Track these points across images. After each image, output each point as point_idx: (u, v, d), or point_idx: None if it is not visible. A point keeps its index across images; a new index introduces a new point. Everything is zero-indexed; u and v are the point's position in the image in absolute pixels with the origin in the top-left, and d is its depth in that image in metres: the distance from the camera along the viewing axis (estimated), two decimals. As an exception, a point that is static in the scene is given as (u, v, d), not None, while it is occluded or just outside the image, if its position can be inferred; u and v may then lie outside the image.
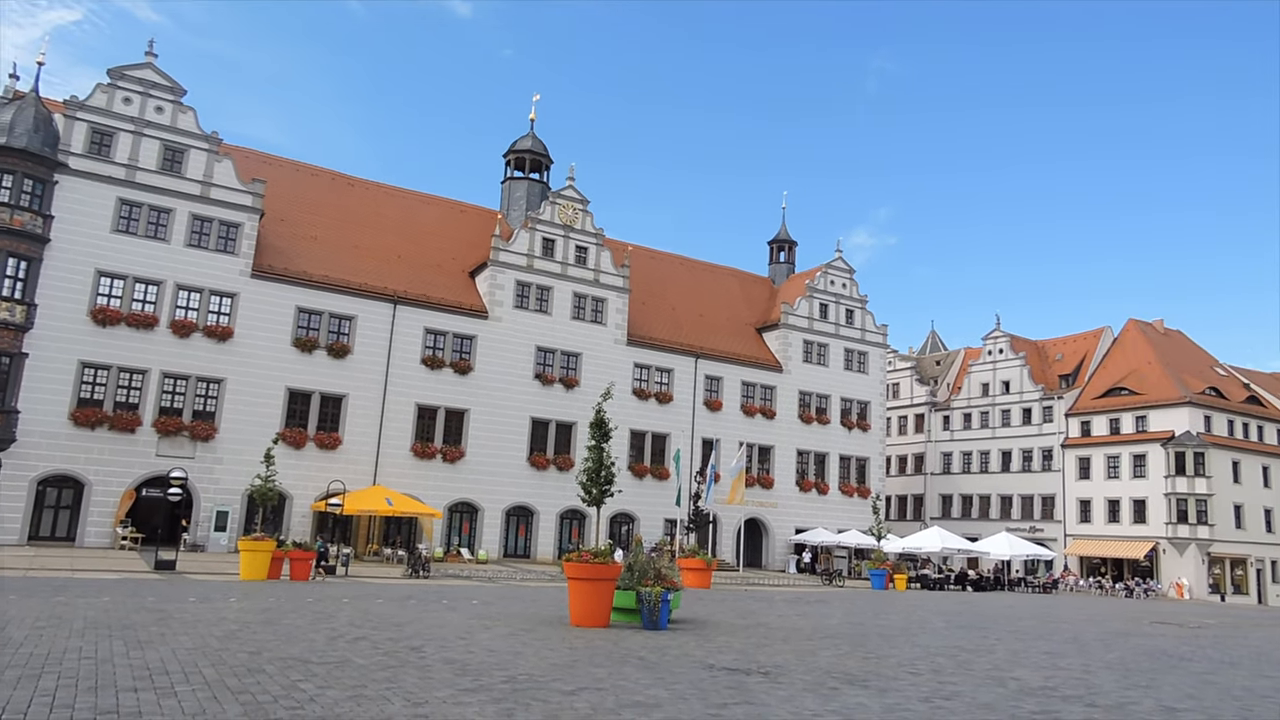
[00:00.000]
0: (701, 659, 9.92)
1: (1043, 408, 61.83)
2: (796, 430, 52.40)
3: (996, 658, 11.75)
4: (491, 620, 13.45)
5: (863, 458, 54.83)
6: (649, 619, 13.08)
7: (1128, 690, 9.15)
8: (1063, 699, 8.29)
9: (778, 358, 52.88)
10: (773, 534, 50.53)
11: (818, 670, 9.44)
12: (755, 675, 8.83)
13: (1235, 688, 9.80)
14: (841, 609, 20.61)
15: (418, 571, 27.54)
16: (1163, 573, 52.91)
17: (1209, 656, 13.45)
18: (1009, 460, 62.97)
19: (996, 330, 66.49)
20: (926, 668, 10.20)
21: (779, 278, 60.22)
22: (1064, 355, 65.76)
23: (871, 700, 7.66)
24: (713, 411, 49.41)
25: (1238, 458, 55.65)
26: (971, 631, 16.00)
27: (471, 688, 7.29)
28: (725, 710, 6.85)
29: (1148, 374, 58.23)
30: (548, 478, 43.35)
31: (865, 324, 56.85)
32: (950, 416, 67.27)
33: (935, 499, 66.33)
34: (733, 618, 16.17)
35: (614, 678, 8.22)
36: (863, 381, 55.80)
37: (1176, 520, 52.96)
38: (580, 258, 46.54)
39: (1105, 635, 16.77)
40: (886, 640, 13.37)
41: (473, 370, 42.08)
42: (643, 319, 48.95)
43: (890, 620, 17.81)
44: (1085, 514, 57.90)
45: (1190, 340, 66.51)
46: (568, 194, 47.05)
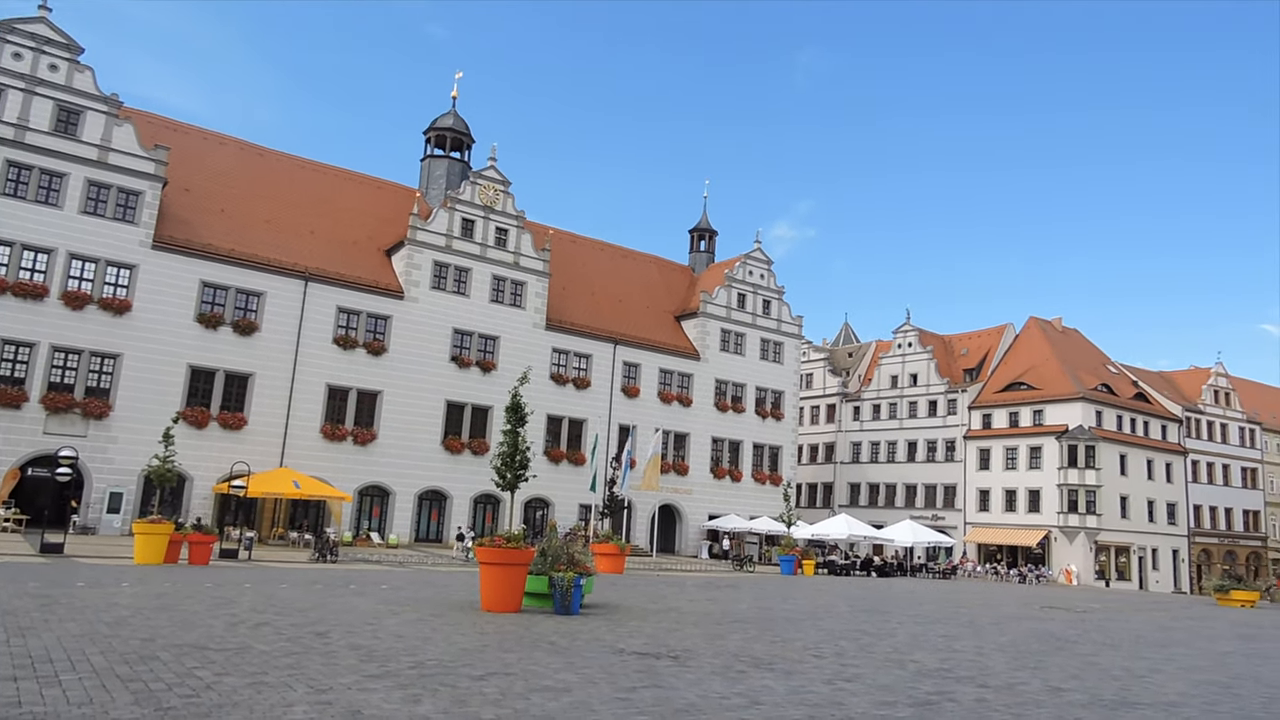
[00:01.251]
0: (612, 643, 9.97)
1: (947, 400, 64.05)
2: (712, 418, 53.03)
3: (897, 641, 12.15)
4: (400, 605, 13.24)
5: (776, 446, 55.87)
6: (561, 604, 13.08)
7: (1018, 671, 9.58)
8: (957, 680, 8.63)
9: (696, 346, 53.36)
10: (686, 520, 51.11)
11: (726, 654, 9.60)
12: (665, 659, 8.92)
13: (1115, 668, 10.37)
14: (751, 594, 21.00)
15: (325, 556, 26.90)
16: (1053, 559, 55.56)
17: (1093, 639, 14.19)
18: (914, 450, 65.07)
19: (907, 325, 68.50)
20: (830, 651, 10.48)
21: (699, 266, 60.70)
22: (969, 350, 68.21)
23: (777, 683, 7.82)
24: (630, 398, 49.59)
25: (1125, 451, 58.76)
26: (874, 616, 16.51)
27: (378, 674, 7.16)
28: (634, 694, 6.90)
29: (1045, 370, 60.87)
30: (462, 462, 42.84)
31: (782, 315, 57.83)
32: (860, 407, 69.08)
33: (844, 487, 68.10)
34: (644, 602, 16.30)
35: (524, 663, 8.20)
36: (778, 371, 56.79)
37: (1067, 510, 55.64)
38: (500, 240, 45.98)
39: (999, 619, 17.53)
40: (793, 624, 13.69)
41: (387, 351, 41.20)
42: (562, 304, 48.72)
43: (797, 605, 18.23)
44: (984, 503, 60.31)
45: (1085, 339, 69.79)
46: (489, 174, 46.38)
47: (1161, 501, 60.42)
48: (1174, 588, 58.76)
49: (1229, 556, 63.73)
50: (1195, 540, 62.23)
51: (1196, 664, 11.39)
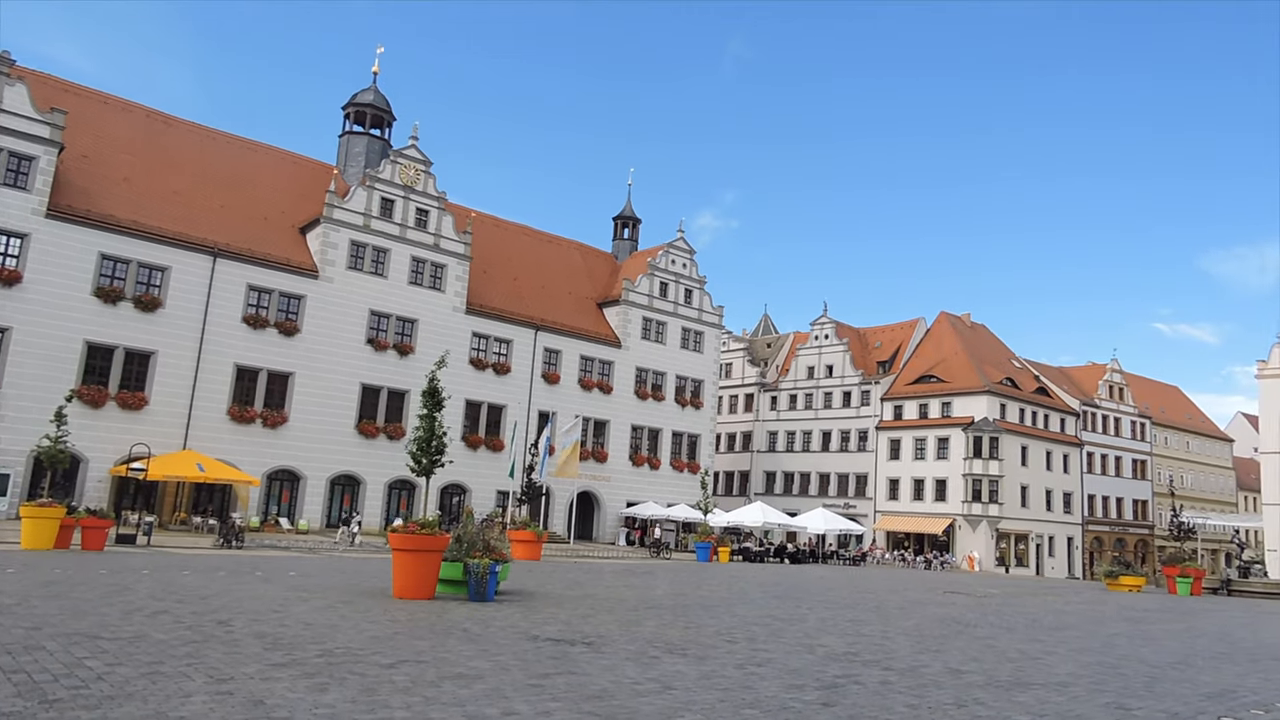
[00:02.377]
0: (526, 630, 9.92)
1: (861, 392, 65.69)
2: (632, 406, 53.22)
3: (807, 626, 12.42)
4: (309, 592, 12.90)
5: (694, 434, 56.42)
6: (476, 591, 12.95)
7: (920, 654, 9.90)
8: (863, 663, 8.87)
9: (617, 333, 53.40)
10: (605, 507, 51.23)
11: (640, 640, 9.65)
12: (579, 646, 8.92)
13: (1011, 651, 10.81)
14: (666, 580, 21.17)
15: (230, 542, 26.04)
16: (957, 546, 57.67)
17: (991, 623, 14.77)
18: (829, 440, 66.58)
19: (824, 317, 69.91)
20: (743, 636, 10.64)
21: (622, 254, 60.72)
22: (883, 343, 70.05)
23: (689, 668, 7.90)
24: (550, 384, 49.37)
25: (1026, 443, 61.29)
26: (786, 601, 16.84)
27: (283, 662, 6.96)
28: (547, 680, 6.88)
29: (954, 364, 62.97)
30: (377, 446, 42.00)
31: (703, 304, 58.32)
32: (778, 397, 70.28)
33: (760, 475, 69.25)
34: (561, 589, 16.28)
35: (436, 650, 8.08)
36: (698, 360, 57.31)
37: (972, 499, 57.79)
38: (420, 221, 45.09)
39: (905, 604, 18.09)
40: (707, 610, 13.86)
41: (300, 332, 40.03)
42: (483, 288, 48.11)
43: (712, 591, 18.47)
44: (894, 492, 62.16)
45: (992, 334, 72.44)
46: (410, 153, 45.39)
47: (1059, 491, 63.30)
48: (1068, 573, 61.68)
49: (1119, 544, 67.25)
50: (1089, 528, 65.42)
51: (1086, 646, 11.96)
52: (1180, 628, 16.18)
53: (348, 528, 33.29)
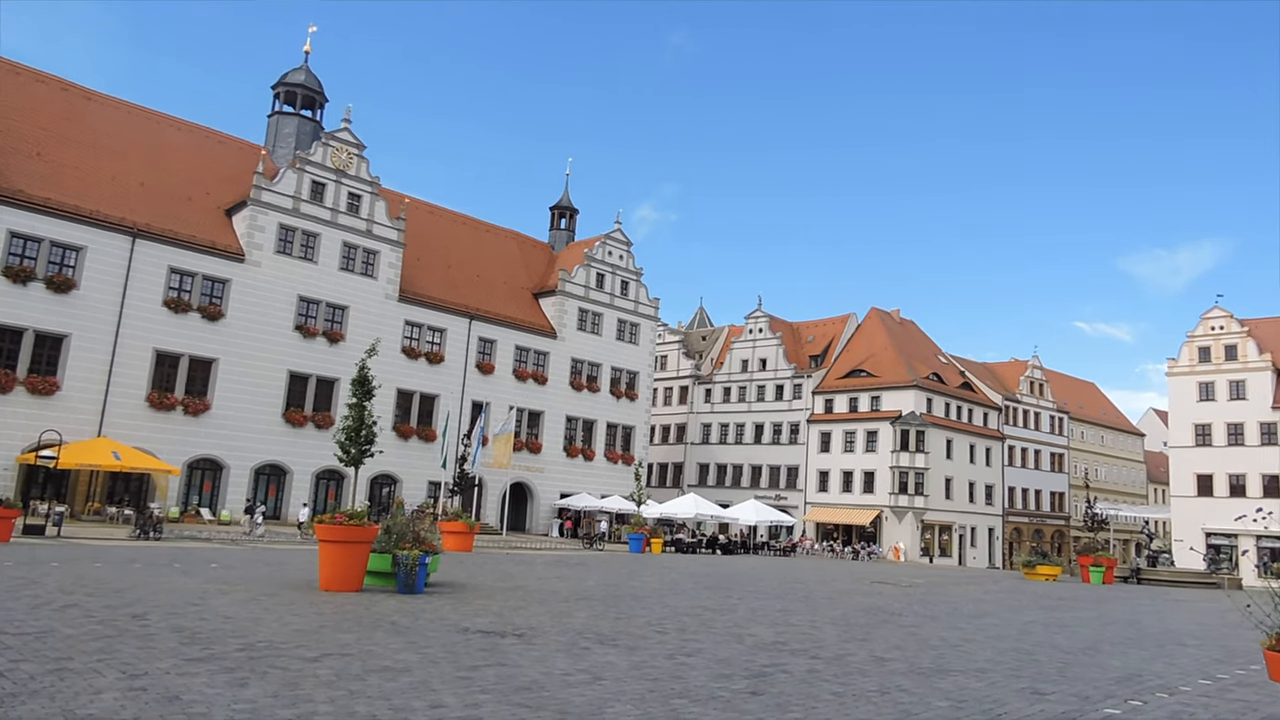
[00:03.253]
0: (456, 622, 9.82)
1: (794, 385, 66.63)
2: (567, 397, 53.05)
3: (737, 616, 12.56)
4: (230, 585, 12.55)
5: (629, 426, 56.53)
6: (405, 583, 12.76)
7: (846, 643, 10.10)
8: (791, 652, 9.01)
9: (553, 324, 53.13)
10: (538, 498, 51.01)
11: (571, 631, 9.63)
12: (509, 637, 8.86)
13: (933, 639, 11.11)
14: (599, 571, 21.21)
15: (147, 533, 25.16)
16: (884, 537, 59.02)
17: (915, 612, 15.16)
18: (761, 433, 67.40)
19: (758, 311, 70.68)
20: (673, 626, 10.72)
21: (559, 244, 60.40)
22: (815, 337, 71.14)
23: (620, 658, 7.92)
24: (485, 374, 48.88)
25: (951, 436, 63.00)
26: (717, 592, 17.02)
27: (200, 657, 6.75)
28: (476, 672, 6.82)
29: (884, 358, 64.32)
30: (304, 435, 41.04)
31: (639, 296, 58.40)
32: (712, 390, 70.85)
33: (694, 467, 69.78)
34: (492, 581, 16.16)
35: (362, 643, 7.94)
36: (633, 352, 57.40)
37: (898, 491, 59.18)
38: (353, 205, 44.12)
39: (832, 594, 18.45)
40: (639, 601, 13.91)
41: (224, 317, 38.82)
42: (417, 275, 47.35)
43: (644, 582, 18.55)
44: (824, 484, 63.28)
45: (921, 330, 74.18)
46: (342, 136, 44.34)
47: (981, 483, 65.26)
48: (989, 563, 63.68)
49: (1037, 534, 69.70)
50: (1009, 519, 67.63)
51: (1004, 633, 12.36)
52: (1092, 615, 16.84)
53: (251, 517, 31.99)
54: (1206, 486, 57.57)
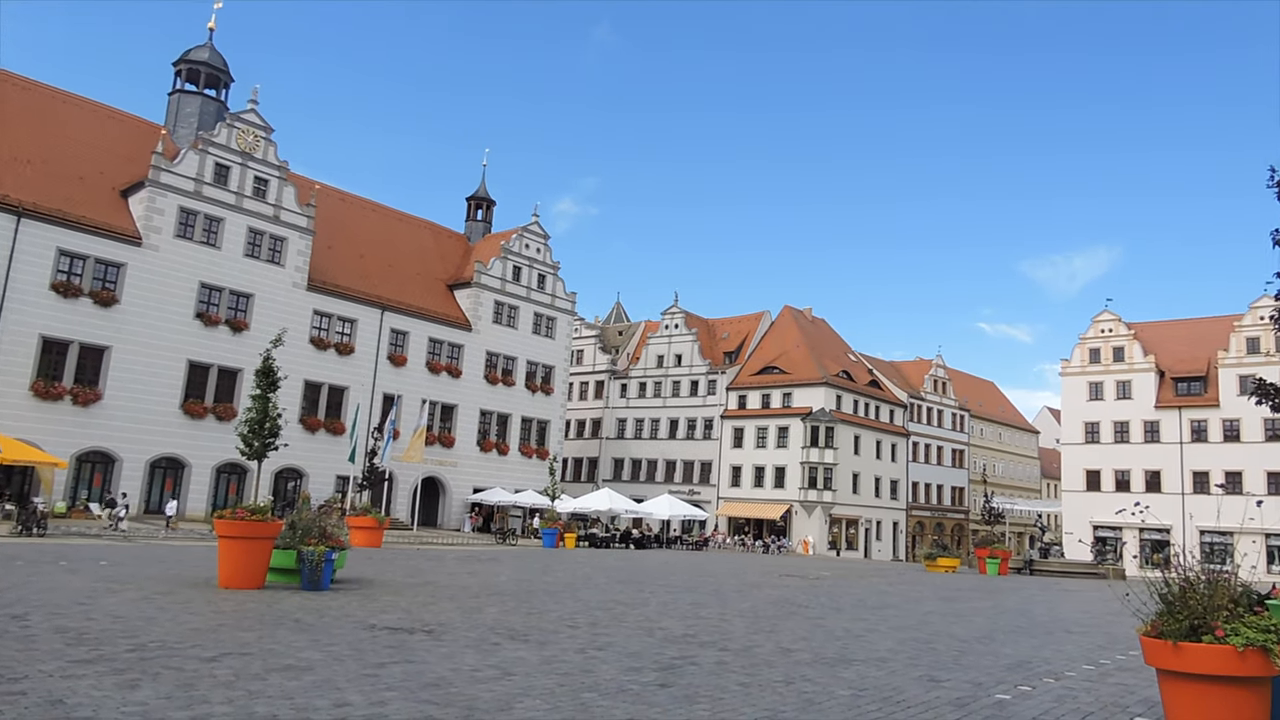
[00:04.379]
0: (363, 619, 9.61)
1: (708, 381, 67.41)
2: (482, 390, 52.46)
3: (648, 610, 12.65)
4: (121, 583, 11.99)
5: (544, 420, 56.25)
6: (309, 579, 12.42)
7: (754, 635, 10.29)
8: (700, 645, 9.13)
9: (468, 316, 52.44)
10: (450, 493, 50.32)
11: (482, 627, 9.55)
12: (418, 634, 8.72)
13: (838, 629, 11.42)
14: (511, 567, 21.05)
15: (31, 529, 23.83)
16: (793, 531, 60.30)
17: (821, 604, 15.54)
18: (676, 428, 67.98)
19: (674, 307, 71.21)
20: (585, 621, 10.72)
21: (475, 235, 59.62)
22: (730, 334, 72.11)
23: (531, 653, 7.89)
24: (397, 366, 47.92)
25: (859, 433, 64.77)
26: (629, 586, 17.10)
27: (88, 658, 6.43)
28: (383, 670, 6.69)
29: (796, 356, 65.64)
30: (204, 428, 39.49)
31: (556, 290, 58.13)
32: (627, 385, 71.09)
33: (608, 462, 69.91)
34: (401, 577, 15.87)
35: (264, 641, 7.70)
36: (549, 346, 57.12)
37: (808, 486, 60.52)
38: (259, 190, 42.61)
39: (742, 587, 18.75)
40: (551, 596, 13.87)
41: (119, 303, 37.04)
42: (327, 264, 46.05)
43: (557, 577, 18.51)
44: (736, 479, 64.24)
45: (831, 328, 75.98)
46: (249, 118, 42.76)
47: (886, 479, 67.30)
48: (893, 556, 65.75)
49: (938, 528, 72.29)
50: (912, 513, 69.95)
51: (905, 623, 12.79)
52: (987, 605, 17.57)
53: (113, 510, 30.34)
54: (1094, 481, 60.71)
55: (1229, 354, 56.82)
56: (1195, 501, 55.27)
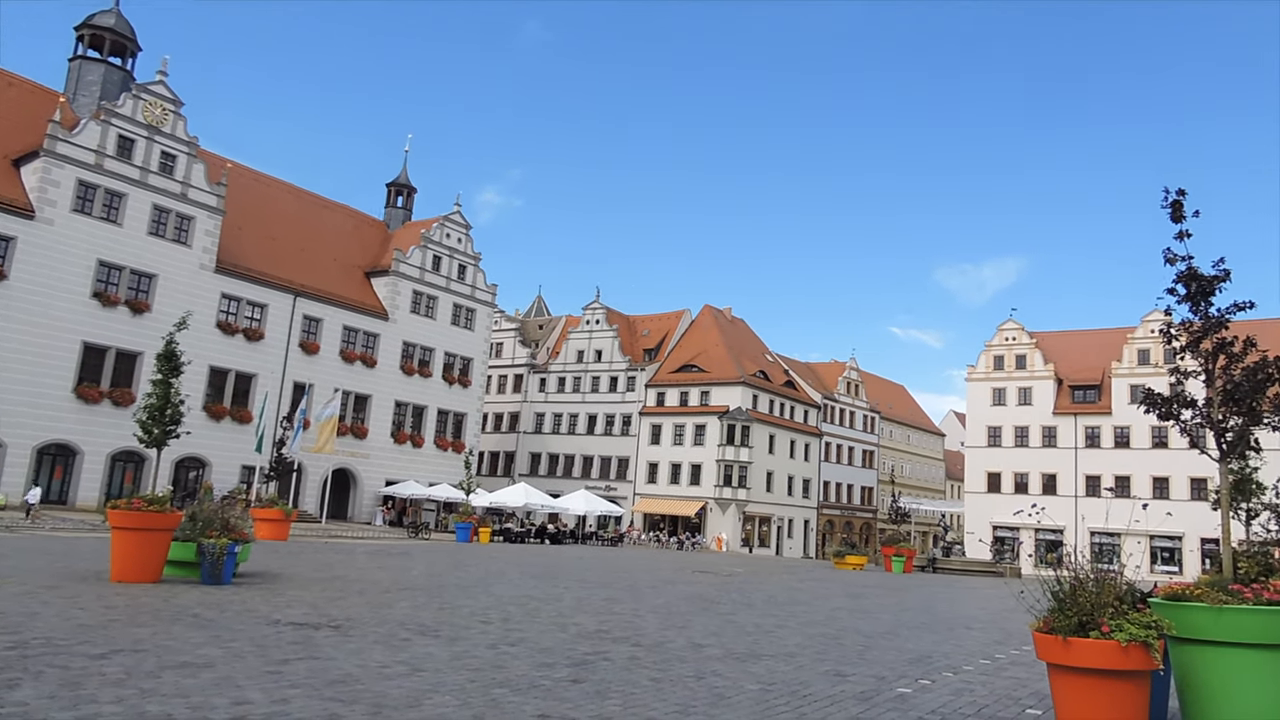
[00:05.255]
0: (266, 614, 9.32)
1: (627, 377, 67.59)
2: (397, 381, 51.45)
3: (562, 605, 12.62)
4: (1, 577, 11.34)
5: (461, 413, 55.51)
6: (210, 573, 11.98)
7: (666, 630, 10.37)
8: (613, 640, 9.15)
9: (385, 305, 51.34)
10: (362, 485, 49.21)
11: (391, 622, 9.37)
12: (324, 629, 8.51)
13: (749, 625, 11.60)
14: (423, 561, 20.73)
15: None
16: (708, 528, 60.99)
17: (733, 599, 15.77)
18: (594, 424, 67.95)
19: (596, 302, 71.14)
20: (497, 616, 10.63)
21: (394, 223, 58.38)
22: (650, 331, 72.43)
23: (441, 649, 7.78)
24: (309, 354, 46.59)
25: (774, 432, 65.90)
26: (544, 581, 17.03)
27: (-37, 657, 6.06)
28: (287, 666, 6.50)
29: (714, 355, 66.37)
30: (100, 413, 37.66)
31: (477, 281, 57.41)
32: (547, 379, 70.72)
33: (526, 457, 69.44)
34: (308, 571, 15.46)
35: (159, 637, 7.38)
36: (468, 338, 56.38)
37: (723, 483, 61.29)
38: (166, 166, 40.84)
39: (656, 583, 18.88)
40: (463, 591, 13.71)
41: (6, 278, 35.04)
42: (237, 246, 44.43)
43: (470, 572, 18.30)
44: (653, 475, 64.61)
45: (750, 328, 77.07)
46: (157, 90, 40.92)
47: (799, 478, 68.68)
48: (803, 553, 67.16)
49: (848, 526, 74.14)
50: (823, 512, 71.56)
51: (813, 619, 13.08)
52: (892, 602, 18.10)
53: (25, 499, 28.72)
54: (995, 484, 63.15)
55: (1122, 364, 59.81)
56: (1087, 504, 58.03)
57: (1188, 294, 6.51)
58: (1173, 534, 53.33)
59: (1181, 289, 6.53)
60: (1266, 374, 6.22)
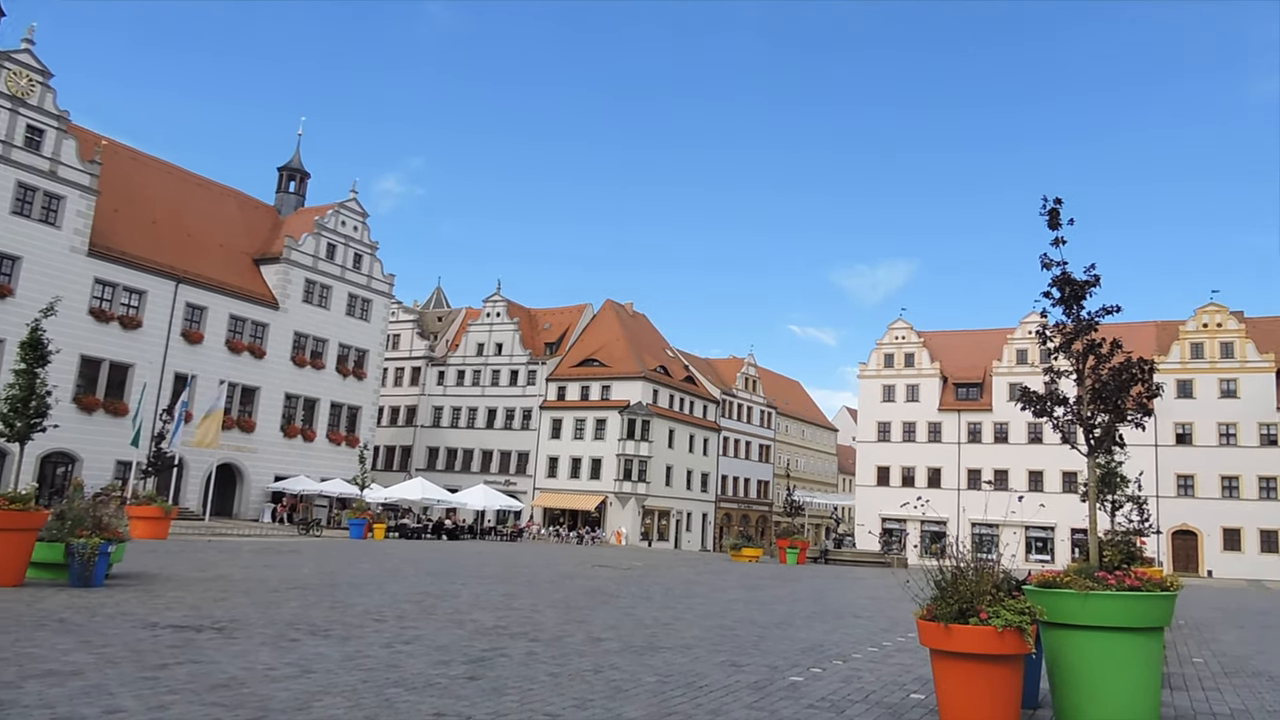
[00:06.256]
0: (143, 617, 8.85)
1: (528, 371, 67.12)
2: (288, 373, 49.64)
3: (459, 602, 12.45)
4: None
5: (355, 406, 54.00)
6: (80, 574, 11.31)
7: (565, 625, 10.36)
8: (511, 636, 9.08)
9: (275, 294, 49.44)
10: (249, 481, 47.32)
11: (280, 623, 9.04)
12: (207, 631, 8.14)
13: (647, 618, 11.69)
14: (315, 559, 20.09)
15: None
16: (608, 522, 61.21)
17: (632, 593, 15.86)
18: (494, 418, 67.24)
19: (497, 295, 70.37)
20: (392, 614, 10.40)
21: (286, 208, 56.25)
22: (551, 325, 72.11)
23: (333, 649, 7.56)
24: (192, 344, 44.47)
25: (673, 427, 66.59)
26: (440, 578, 16.75)
27: None
28: (164, 671, 6.19)
29: (615, 349, 66.60)
30: (-44, 404, 34.97)
31: (374, 271, 55.92)
32: (445, 372, 69.54)
33: (423, 451, 68.14)
34: (189, 571, 14.77)
35: (20, 644, 6.92)
36: (364, 329, 54.87)
37: (623, 477, 61.61)
38: (32, 140, 38.25)
39: (555, 578, 18.82)
40: (356, 589, 13.36)
41: None
42: (113, 228, 41.99)
43: (363, 569, 17.84)
44: (553, 470, 64.40)
45: (651, 324, 77.65)
46: (22, 58, 38.25)
47: (698, 472, 69.65)
48: (701, 546, 68.15)
49: (744, 519, 75.61)
50: (721, 505, 72.78)
51: (710, 611, 13.28)
52: (786, 593, 18.56)
53: None
54: (884, 477, 65.51)
55: (1002, 363, 62.92)
56: (969, 496, 60.88)
57: (1062, 297, 6.88)
58: (1046, 525, 56.52)
59: (1056, 293, 6.90)
60: (1130, 374, 6.64)
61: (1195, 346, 57.93)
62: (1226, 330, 57.55)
